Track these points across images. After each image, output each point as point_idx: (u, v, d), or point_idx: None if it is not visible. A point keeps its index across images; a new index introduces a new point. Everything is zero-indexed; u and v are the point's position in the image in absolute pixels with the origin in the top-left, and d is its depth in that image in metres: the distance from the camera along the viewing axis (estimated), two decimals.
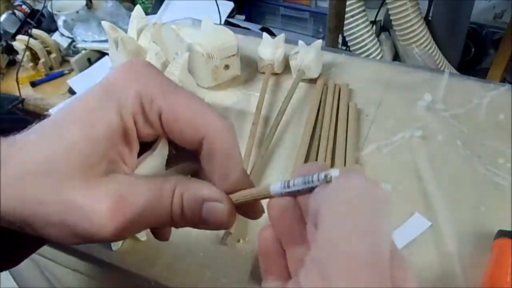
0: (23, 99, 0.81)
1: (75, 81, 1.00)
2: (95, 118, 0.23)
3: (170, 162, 0.27)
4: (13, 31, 0.99)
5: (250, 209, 0.26)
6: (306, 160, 0.49)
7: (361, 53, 1.18)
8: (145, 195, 0.23)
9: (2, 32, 0.98)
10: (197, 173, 0.27)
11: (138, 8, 0.62)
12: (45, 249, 0.45)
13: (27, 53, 0.92)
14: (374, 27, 1.23)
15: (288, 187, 0.22)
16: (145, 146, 0.26)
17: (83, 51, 1.01)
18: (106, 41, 0.92)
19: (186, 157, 0.27)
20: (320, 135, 0.52)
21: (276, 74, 0.64)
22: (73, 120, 0.23)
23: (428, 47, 1.14)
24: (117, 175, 0.23)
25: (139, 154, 0.26)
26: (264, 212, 0.25)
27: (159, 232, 0.29)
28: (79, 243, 0.23)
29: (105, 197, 0.22)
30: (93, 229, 0.22)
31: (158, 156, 0.26)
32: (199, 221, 0.24)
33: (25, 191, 0.21)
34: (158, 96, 0.23)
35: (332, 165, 0.49)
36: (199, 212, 0.24)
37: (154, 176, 0.25)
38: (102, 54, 1.05)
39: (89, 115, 0.23)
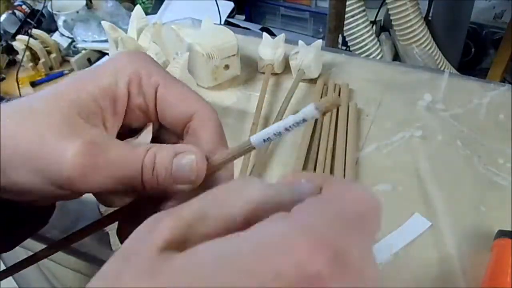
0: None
1: None
2: (88, 76, 0.26)
3: None
4: (13, 31, 0.99)
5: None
6: (306, 160, 0.49)
7: (361, 53, 1.18)
8: (119, 146, 0.24)
9: (2, 32, 0.98)
10: None
11: (138, 8, 0.62)
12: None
13: (27, 53, 0.92)
14: (374, 27, 1.23)
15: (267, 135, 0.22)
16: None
17: (83, 51, 1.01)
18: (106, 41, 0.92)
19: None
20: (320, 135, 0.52)
21: (276, 74, 0.64)
22: (69, 79, 0.26)
23: (428, 47, 1.14)
24: (94, 128, 0.25)
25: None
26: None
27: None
28: (48, 194, 0.24)
29: (78, 139, 0.23)
30: (62, 166, 0.22)
31: (141, 140, 0.27)
32: (170, 178, 0.24)
33: (9, 128, 0.23)
34: (157, 74, 0.26)
35: (332, 165, 0.49)
36: (170, 167, 0.24)
37: None
38: (102, 54, 1.05)
39: (83, 74, 0.26)
